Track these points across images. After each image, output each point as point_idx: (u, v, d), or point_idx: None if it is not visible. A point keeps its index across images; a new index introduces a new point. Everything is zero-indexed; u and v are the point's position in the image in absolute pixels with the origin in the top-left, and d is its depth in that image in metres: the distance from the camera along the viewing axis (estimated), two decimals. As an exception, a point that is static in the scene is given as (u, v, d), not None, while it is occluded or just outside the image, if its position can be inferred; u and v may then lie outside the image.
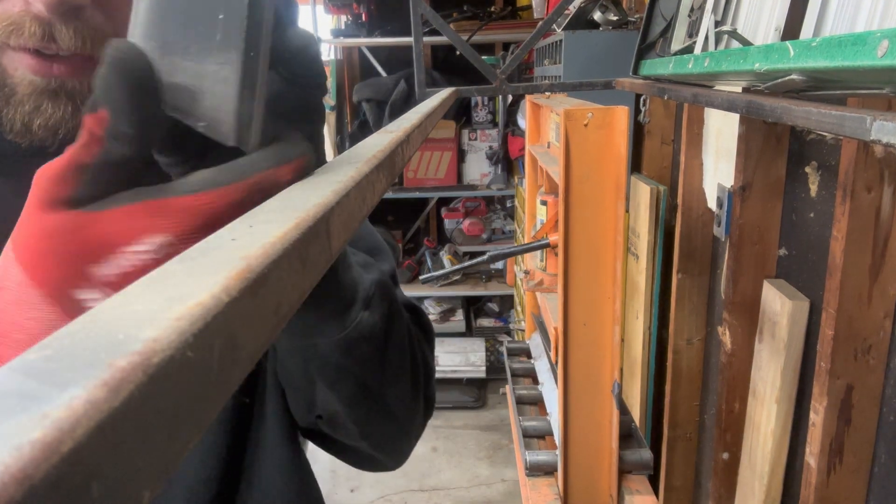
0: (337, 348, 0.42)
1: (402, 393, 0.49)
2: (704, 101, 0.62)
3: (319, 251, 0.16)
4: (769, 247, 1.02)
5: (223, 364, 0.11)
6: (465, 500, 2.25)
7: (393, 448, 0.54)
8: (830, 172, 0.86)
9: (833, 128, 0.38)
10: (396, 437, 0.52)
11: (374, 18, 2.78)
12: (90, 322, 0.10)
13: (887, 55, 0.33)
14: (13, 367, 0.09)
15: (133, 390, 0.09)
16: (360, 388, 0.45)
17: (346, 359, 0.43)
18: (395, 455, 0.55)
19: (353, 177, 0.20)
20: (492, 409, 2.79)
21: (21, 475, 0.07)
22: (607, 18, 1.43)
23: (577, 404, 0.84)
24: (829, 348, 0.78)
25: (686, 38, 0.78)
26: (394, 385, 0.47)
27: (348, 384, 0.44)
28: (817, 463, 0.81)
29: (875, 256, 0.75)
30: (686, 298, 1.28)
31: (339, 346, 0.42)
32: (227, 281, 0.12)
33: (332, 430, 0.50)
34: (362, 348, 0.43)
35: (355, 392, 0.45)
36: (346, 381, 0.44)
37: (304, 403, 0.48)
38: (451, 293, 2.92)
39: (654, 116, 1.49)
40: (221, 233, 0.15)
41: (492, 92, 0.96)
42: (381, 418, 0.48)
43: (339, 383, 0.44)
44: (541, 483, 0.90)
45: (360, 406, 0.46)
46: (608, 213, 0.78)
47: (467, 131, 2.78)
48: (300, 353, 0.43)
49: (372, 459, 0.54)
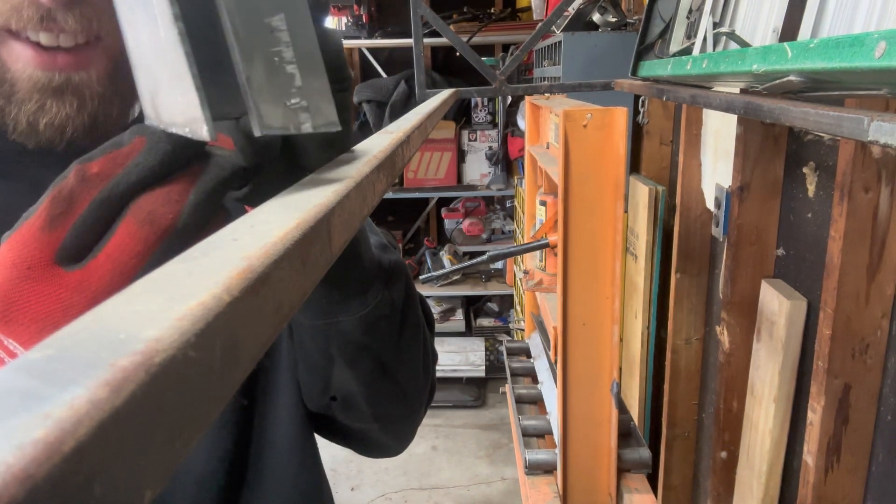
0: (359, 325, 0.43)
1: (414, 373, 0.50)
2: (703, 102, 0.62)
3: (320, 251, 0.16)
4: (767, 247, 1.02)
5: (225, 363, 0.11)
6: (465, 498, 2.25)
7: (401, 430, 0.55)
8: (828, 173, 0.86)
9: (831, 128, 0.38)
10: (406, 418, 0.53)
11: (374, 20, 2.78)
12: (92, 322, 0.11)
13: (885, 56, 0.33)
14: (15, 366, 0.09)
15: (135, 390, 0.09)
16: (377, 366, 0.46)
17: (367, 336, 0.44)
18: (402, 438, 0.56)
19: (353, 177, 0.20)
20: (492, 408, 2.79)
21: (23, 474, 0.08)
22: (606, 20, 1.43)
23: (576, 403, 0.84)
24: (827, 348, 0.78)
25: (684, 40, 0.78)
26: (407, 365, 0.49)
27: (367, 362, 0.45)
28: (815, 462, 0.81)
29: (872, 256, 0.75)
30: (684, 298, 1.28)
31: (360, 323, 0.43)
32: (228, 281, 0.12)
33: (344, 412, 0.50)
34: (382, 325, 0.44)
35: (373, 370, 0.46)
36: (366, 359, 0.45)
37: (321, 384, 0.49)
38: (451, 293, 2.92)
39: (653, 117, 1.49)
40: (222, 233, 0.15)
41: (491, 93, 0.96)
42: (394, 398, 0.49)
43: (358, 361, 0.45)
44: (540, 481, 0.90)
45: (375, 385, 0.47)
46: (607, 213, 0.78)
47: (467, 132, 2.78)
48: (322, 332, 0.44)
49: (378, 443, 0.55)
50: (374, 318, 0.43)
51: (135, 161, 0.24)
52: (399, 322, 0.46)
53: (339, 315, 0.42)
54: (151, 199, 0.24)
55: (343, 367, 0.46)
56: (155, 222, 0.24)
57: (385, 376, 0.47)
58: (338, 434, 0.55)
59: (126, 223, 0.24)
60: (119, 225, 0.24)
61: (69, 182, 0.24)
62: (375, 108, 2.64)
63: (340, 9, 2.68)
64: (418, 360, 0.50)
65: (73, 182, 0.24)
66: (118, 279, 0.24)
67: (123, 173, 0.24)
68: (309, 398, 0.52)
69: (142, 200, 0.24)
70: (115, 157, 0.24)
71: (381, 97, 2.62)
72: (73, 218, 0.24)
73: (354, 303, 0.42)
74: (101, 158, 0.24)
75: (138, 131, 0.25)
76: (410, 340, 0.48)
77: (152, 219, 0.24)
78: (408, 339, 0.48)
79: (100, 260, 0.24)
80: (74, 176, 0.24)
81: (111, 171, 0.24)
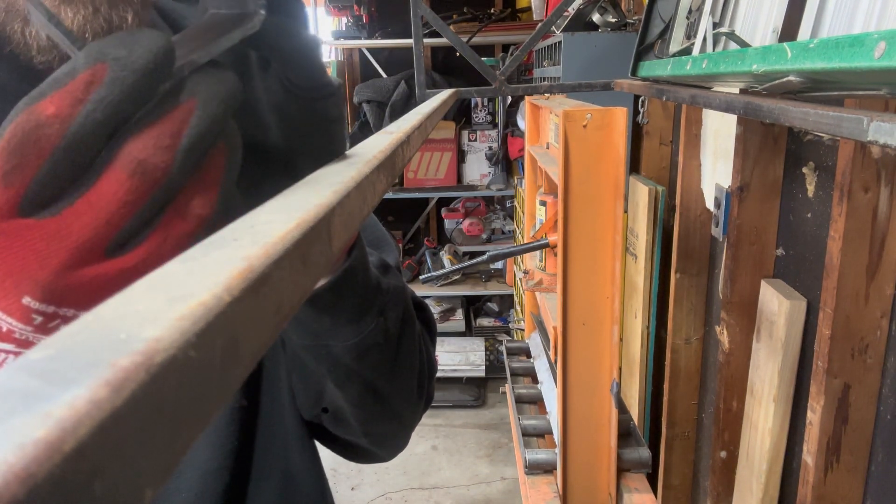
0: (349, 352, 0.42)
1: (408, 395, 0.49)
2: (702, 102, 0.62)
3: (320, 251, 0.16)
4: (767, 247, 1.02)
5: (225, 363, 0.11)
6: (465, 498, 2.25)
7: (392, 444, 0.54)
8: (828, 173, 0.86)
9: (830, 129, 0.38)
10: (397, 434, 0.53)
11: (374, 20, 2.78)
12: (93, 321, 0.11)
13: (884, 56, 0.33)
14: (16, 366, 0.09)
15: (135, 389, 0.09)
16: (367, 390, 0.45)
17: (358, 362, 0.42)
18: (392, 450, 0.56)
19: (353, 177, 0.20)
20: (491, 407, 2.79)
21: (24, 473, 0.08)
22: (606, 20, 1.43)
23: (576, 403, 0.84)
24: (827, 347, 0.78)
25: (684, 40, 0.78)
26: (401, 388, 0.48)
27: (357, 386, 0.45)
28: (815, 461, 0.81)
29: (872, 256, 0.75)
30: (684, 298, 1.28)
31: (351, 351, 0.42)
32: (228, 280, 0.12)
33: (334, 425, 0.50)
34: (374, 354, 0.43)
35: (363, 394, 0.45)
36: (355, 384, 0.44)
37: (314, 396, 0.49)
38: (451, 293, 2.92)
39: (653, 117, 1.49)
40: (223, 232, 0.15)
41: (491, 93, 0.96)
42: (384, 418, 0.49)
43: (347, 384, 0.44)
44: (540, 481, 0.90)
45: (365, 407, 0.47)
46: (607, 213, 0.78)
47: (467, 132, 2.79)
48: (311, 352, 0.43)
49: (368, 453, 0.55)
50: (365, 346, 0.41)
51: (98, 95, 0.20)
52: (393, 350, 0.44)
53: (328, 340, 0.41)
54: (139, 145, 0.21)
55: (333, 387, 0.45)
56: (146, 173, 0.21)
57: (376, 399, 0.46)
58: (328, 441, 0.55)
59: (113, 171, 0.21)
60: (103, 173, 0.21)
61: (20, 127, 0.20)
62: (376, 108, 2.64)
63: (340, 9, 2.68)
64: (412, 383, 0.49)
65: (25, 127, 0.20)
66: (104, 229, 0.21)
67: (86, 112, 0.20)
68: (302, 407, 0.51)
69: (129, 147, 0.21)
70: (72, 92, 0.20)
71: (381, 97, 2.62)
72: (33, 170, 0.21)
73: (346, 330, 0.40)
74: (56, 94, 0.20)
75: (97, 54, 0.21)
76: (405, 366, 0.47)
77: (143, 169, 0.21)
78: (402, 365, 0.46)
79: (79, 208, 0.21)
80: (25, 119, 0.20)
81: (71, 109, 0.20)
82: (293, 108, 0.26)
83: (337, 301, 0.39)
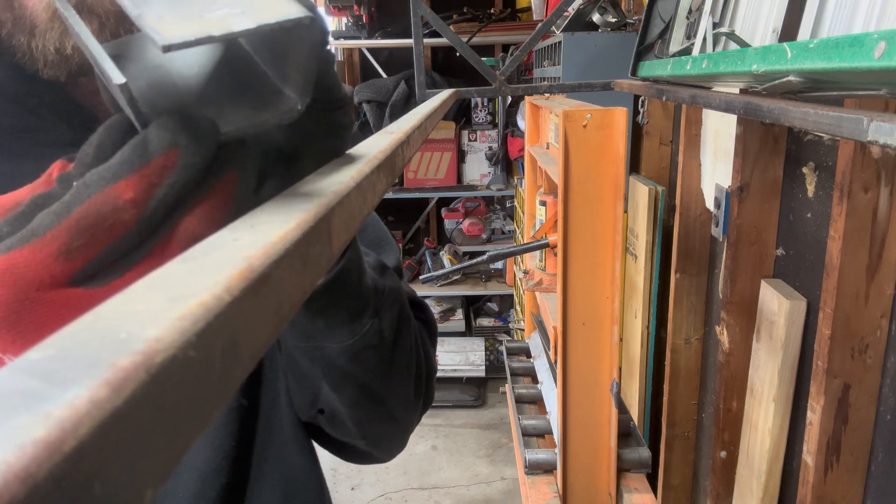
0: (343, 354, 0.42)
1: (405, 396, 0.49)
2: (702, 103, 0.62)
3: (320, 251, 0.16)
4: (767, 247, 1.02)
5: (225, 363, 0.11)
6: (465, 498, 2.25)
7: (389, 445, 0.54)
8: (827, 173, 0.86)
9: (830, 129, 0.38)
10: (394, 435, 0.53)
11: (374, 20, 2.78)
12: (93, 322, 0.11)
13: (884, 56, 0.33)
14: (16, 366, 0.09)
15: (135, 389, 0.09)
16: (363, 392, 0.45)
17: (352, 364, 0.42)
18: (390, 451, 0.56)
19: (353, 177, 0.20)
20: (491, 407, 2.79)
21: (24, 473, 0.08)
22: (606, 20, 1.43)
23: (576, 403, 0.84)
24: (827, 347, 0.78)
25: (684, 40, 0.78)
26: (397, 390, 0.48)
27: (352, 388, 0.44)
28: (814, 461, 0.81)
29: (872, 256, 0.75)
30: (684, 298, 1.28)
31: (345, 352, 0.42)
32: (228, 280, 0.12)
33: (331, 426, 0.50)
34: (369, 355, 0.43)
35: (358, 395, 0.45)
36: (351, 385, 0.44)
37: (309, 396, 0.49)
38: (451, 293, 2.92)
39: (653, 117, 1.49)
40: (223, 233, 0.15)
41: (491, 93, 0.96)
42: (381, 420, 0.49)
43: (342, 386, 0.44)
44: (540, 481, 0.90)
45: (361, 408, 0.47)
46: (607, 213, 0.78)
47: (467, 132, 2.79)
48: (305, 353, 0.43)
49: (365, 455, 0.55)
50: (360, 347, 0.42)
51: (170, 180, 0.21)
52: (389, 351, 0.44)
53: (322, 341, 0.41)
54: (195, 220, 0.22)
55: (328, 388, 0.45)
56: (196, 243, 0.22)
57: (372, 400, 0.46)
58: (326, 442, 0.55)
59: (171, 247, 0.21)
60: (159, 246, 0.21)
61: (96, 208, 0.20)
62: (375, 108, 2.64)
63: (340, 9, 2.68)
64: (409, 385, 0.49)
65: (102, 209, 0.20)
66: None
67: (160, 196, 0.21)
68: (298, 408, 0.51)
69: (186, 223, 0.22)
70: (148, 177, 0.21)
71: (381, 97, 2.62)
72: (98, 249, 0.21)
73: (340, 332, 0.40)
74: (132, 178, 0.20)
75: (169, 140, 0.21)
76: (401, 368, 0.47)
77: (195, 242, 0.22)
78: (398, 366, 0.46)
79: (128, 279, 0.21)
80: (102, 201, 0.20)
81: (147, 194, 0.21)
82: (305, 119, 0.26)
83: (331, 302, 0.39)
